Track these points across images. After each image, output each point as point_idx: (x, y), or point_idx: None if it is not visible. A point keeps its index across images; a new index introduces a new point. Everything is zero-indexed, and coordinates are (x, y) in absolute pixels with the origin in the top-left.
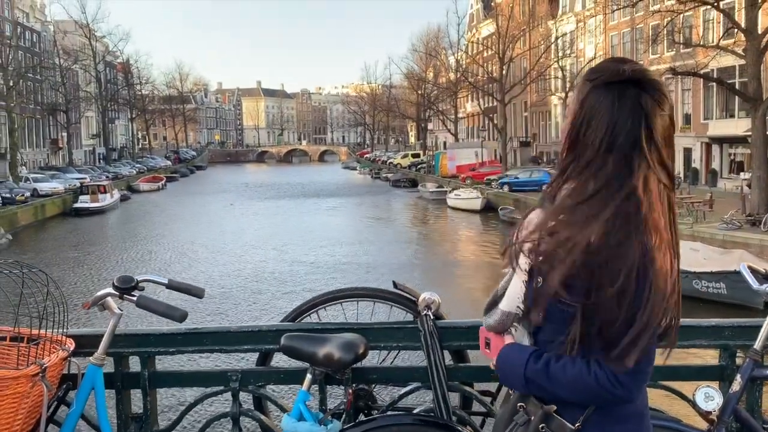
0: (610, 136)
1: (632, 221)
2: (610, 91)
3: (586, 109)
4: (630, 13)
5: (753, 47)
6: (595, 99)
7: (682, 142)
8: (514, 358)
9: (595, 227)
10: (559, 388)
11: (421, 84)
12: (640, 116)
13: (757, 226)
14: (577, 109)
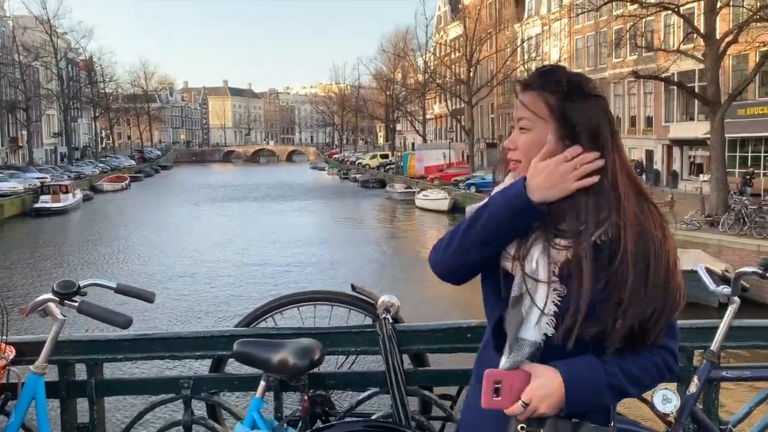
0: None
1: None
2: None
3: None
4: (594, 17)
5: (712, 52)
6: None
7: (644, 144)
8: (587, 376)
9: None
10: (634, 383)
11: (389, 85)
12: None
13: (716, 226)
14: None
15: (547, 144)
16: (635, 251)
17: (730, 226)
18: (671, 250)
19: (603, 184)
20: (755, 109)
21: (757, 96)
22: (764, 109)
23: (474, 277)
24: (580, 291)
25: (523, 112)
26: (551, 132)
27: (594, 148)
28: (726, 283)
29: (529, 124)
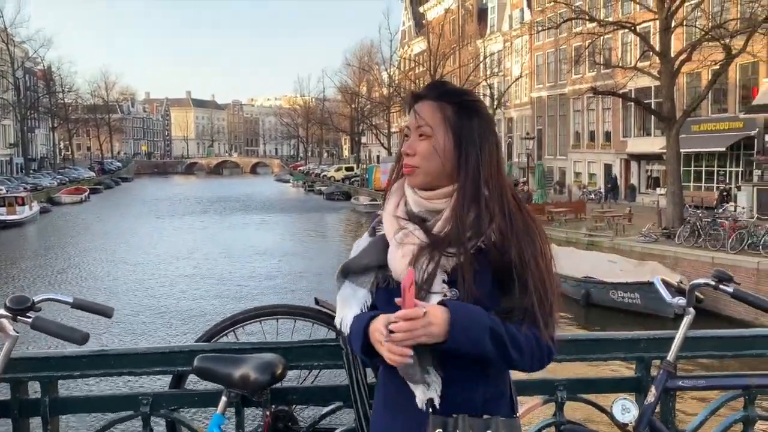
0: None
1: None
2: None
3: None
4: (554, 34)
5: (667, 69)
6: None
7: (603, 158)
8: (471, 312)
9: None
10: (515, 347)
11: (354, 98)
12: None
13: (672, 238)
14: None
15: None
16: (517, 256)
17: (686, 239)
18: (548, 255)
19: (484, 198)
20: (708, 125)
21: (710, 112)
22: (717, 125)
23: None
24: (466, 295)
25: (423, 119)
26: (447, 142)
27: (476, 163)
28: (681, 295)
29: (429, 131)
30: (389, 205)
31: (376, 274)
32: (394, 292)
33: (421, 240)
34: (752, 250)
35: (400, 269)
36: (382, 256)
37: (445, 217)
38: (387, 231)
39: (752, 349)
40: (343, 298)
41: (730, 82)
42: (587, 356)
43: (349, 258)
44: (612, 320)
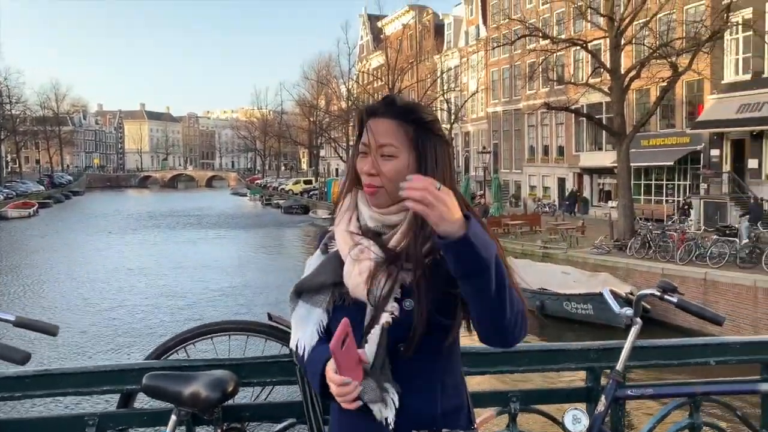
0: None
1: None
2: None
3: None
4: (509, 50)
5: (617, 86)
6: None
7: (556, 172)
8: (484, 233)
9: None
10: (510, 295)
11: (312, 111)
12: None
13: (623, 250)
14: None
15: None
16: None
17: (637, 250)
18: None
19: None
20: (657, 140)
21: (658, 128)
22: (665, 140)
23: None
24: (420, 306)
25: (386, 139)
26: (410, 161)
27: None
28: (629, 305)
29: (395, 151)
30: (340, 220)
31: (331, 292)
32: (351, 310)
33: (377, 255)
34: (700, 261)
35: (358, 286)
36: (337, 274)
37: (402, 231)
38: (341, 247)
39: (696, 357)
40: (297, 319)
41: (677, 98)
42: (539, 367)
43: (303, 277)
44: (567, 331)
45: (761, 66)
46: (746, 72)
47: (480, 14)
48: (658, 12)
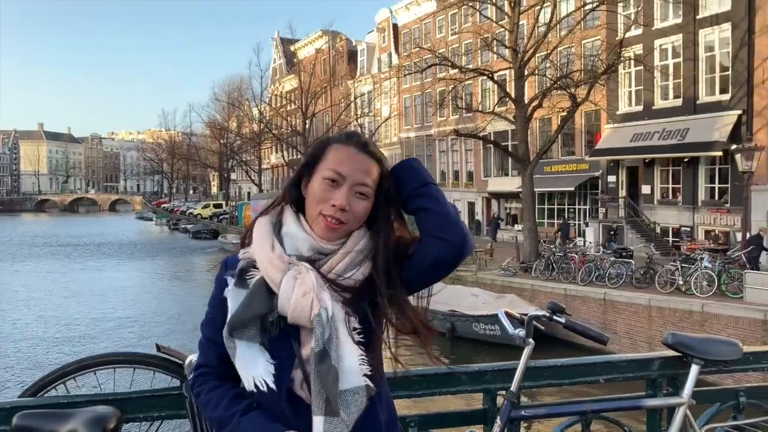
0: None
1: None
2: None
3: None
4: (420, 78)
5: (521, 114)
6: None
7: (467, 196)
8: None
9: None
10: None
11: (223, 133)
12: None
13: (529, 272)
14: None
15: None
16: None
17: (541, 272)
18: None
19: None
20: (559, 166)
21: (560, 155)
22: (566, 166)
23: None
24: (372, 324)
25: (367, 178)
26: (372, 201)
27: (386, 220)
28: (523, 326)
29: (369, 192)
30: (262, 246)
31: (260, 325)
32: (279, 339)
33: (315, 276)
34: (599, 282)
35: (302, 310)
36: (267, 304)
37: (336, 257)
38: (270, 274)
39: (587, 376)
40: (243, 358)
41: (577, 127)
42: (437, 390)
43: (232, 313)
44: (477, 351)
45: (651, 98)
46: (638, 104)
47: (392, 42)
48: (558, 45)
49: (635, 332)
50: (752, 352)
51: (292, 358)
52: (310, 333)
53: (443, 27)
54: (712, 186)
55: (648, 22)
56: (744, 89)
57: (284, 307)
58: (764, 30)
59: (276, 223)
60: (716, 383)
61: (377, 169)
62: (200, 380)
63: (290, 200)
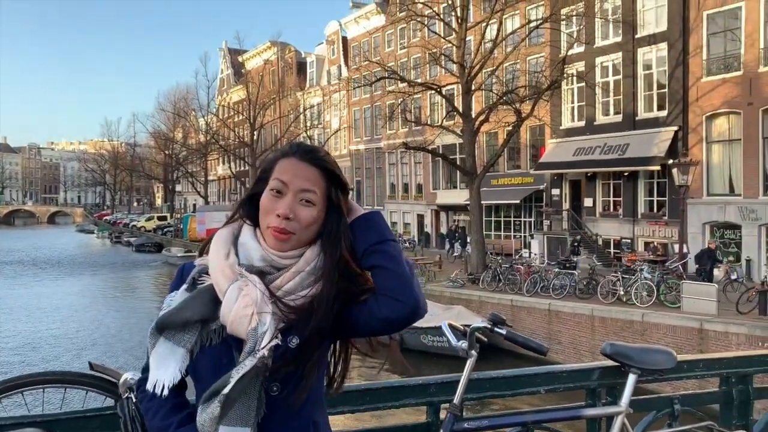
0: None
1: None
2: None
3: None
4: (370, 91)
5: (468, 128)
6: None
7: (416, 209)
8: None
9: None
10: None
11: (168, 144)
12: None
13: (477, 283)
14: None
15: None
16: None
17: (488, 283)
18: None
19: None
20: (505, 179)
21: (506, 168)
22: (512, 179)
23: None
24: (307, 342)
25: (310, 185)
26: (322, 213)
27: (336, 233)
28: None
29: (315, 199)
30: (217, 254)
31: (199, 331)
32: (218, 350)
33: (263, 291)
34: (544, 293)
35: (240, 321)
36: (207, 310)
37: (290, 272)
38: (218, 281)
39: (528, 387)
40: (158, 357)
41: (522, 141)
42: (380, 404)
43: (166, 311)
44: (427, 363)
45: (593, 114)
46: (581, 119)
47: (341, 55)
48: (504, 61)
49: (579, 342)
50: (686, 361)
51: (231, 366)
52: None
53: (392, 41)
54: (651, 199)
55: (589, 41)
56: (680, 106)
57: (224, 317)
58: (698, 50)
59: (236, 234)
60: (653, 391)
61: (323, 177)
62: (144, 386)
63: (245, 216)
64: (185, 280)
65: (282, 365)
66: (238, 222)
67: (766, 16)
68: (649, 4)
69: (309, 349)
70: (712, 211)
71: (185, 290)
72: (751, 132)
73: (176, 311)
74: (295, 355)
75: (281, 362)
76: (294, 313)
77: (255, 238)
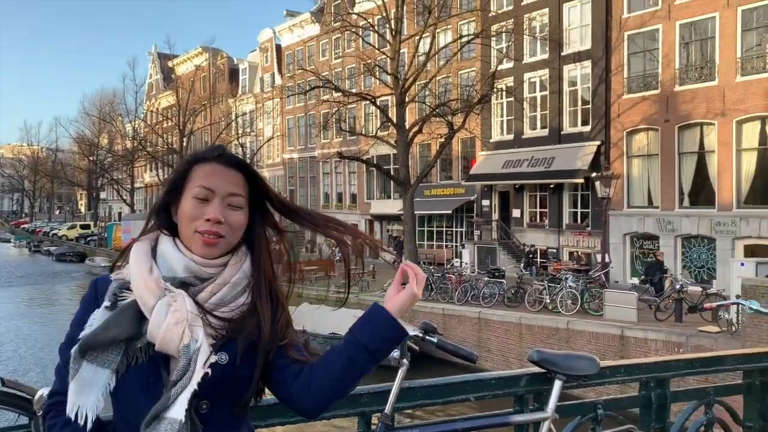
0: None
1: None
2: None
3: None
4: (304, 100)
5: (402, 139)
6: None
7: (350, 218)
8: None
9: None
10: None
11: (93, 150)
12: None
13: None
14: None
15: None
16: (269, 320)
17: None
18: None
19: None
20: (438, 190)
21: (438, 179)
22: (444, 190)
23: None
24: (236, 359)
25: (237, 189)
26: (246, 213)
27: (261, 239)
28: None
29: (241, 203)
30: (140, 269)
31: (124, 350)
32: (145, 368)
33: (190, 305)
34: (474, 301)
35: (171, 339)
36: (133, 327)
37: (216, 284)
38: (144, 297)
39: (458, 394)
40: (81, 382)
41: (454, 153)
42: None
43: (88, 333)
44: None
45: (521, 128)
46: (510, 132)
47: (275, 62)
48: (437, 75)
49: (507, 349)
50: (608, 367)
51: (160, 385)
52: (178, 363)
53: (327, 50)
54: (575, 210)
55: (518, 57)
56: (602, 122)
57: (154, 334)
58: (619, 69)
59: (154, 246)
60: (577, 397)
61: (246, 182)
62: (53, 411)
63: (161, 226)
64: (101, 296)
65: (213, 383)
66: (154, 233)
67: (681, 38)
68: (575, 23)
69: (240, 365)
70: (632, 223)
71: (106, 308)
72: (668, 147)
73: (100, 331)
74: (226, 372)
75: (212, 379)
76: (225, 326)
77: (176, 248)
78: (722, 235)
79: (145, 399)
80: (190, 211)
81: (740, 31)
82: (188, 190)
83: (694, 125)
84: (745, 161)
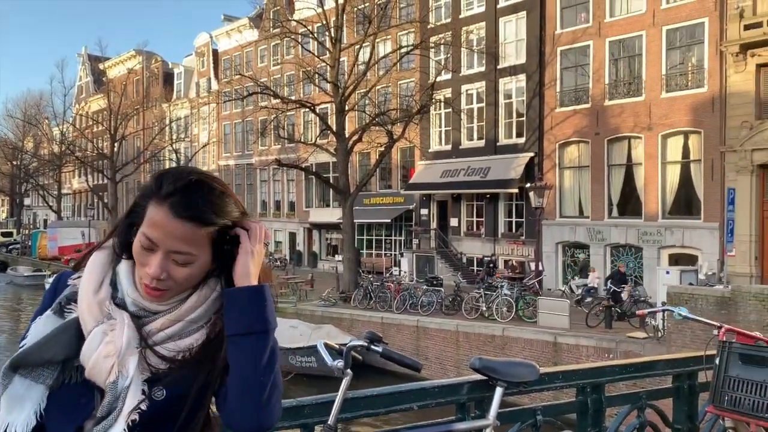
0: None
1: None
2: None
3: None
4: (241, 105)
5: (342, 148)
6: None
7: (288, 227)
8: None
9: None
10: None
11: (17, 154)
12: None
13: (348, 301)
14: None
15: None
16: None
17: (360, 301)
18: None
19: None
20: (377, 199)
21: (378, 188)
22: (384, 199)
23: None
24: (182, 392)
25: (183, 246)
26: (208, 258)
27: (218, 276)
28: (342, 357)
29: (192, 259)
30: (87, 285)
31: (60, 367)
32: (79, 388)
33: (130, 337)
34: (413, 310)
35: (100, 370)
36: (73, 348)
37: (171, 318)
38: (84, 319)
39: (402, 404)
40: (11, 398)
41: (393, 162)
42: None
43: (26, 346)
44: (297, 385)
45: (459, 138)
46: (447, 143)
47: (211, 67)
48: (376, 84)
49: (445, 357)
50: (547, 373)
51: (90, 407)
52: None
53: (266, 57)
54: (510, 220)
55: (456, 69)
56: (536, 134)
57: (84, 360)
58: (552, 83)
59: (113, 260)
60: (516, 404)
61: (202, 230)
62: None
63: (119, 246)
64: (60, 293)
65: (146, 419)
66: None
67: (610, 55)
68: (510, 37)
69: (179, 403)
70: (564, 232)
71: (52, 313)
72: (598, 160)
73: (37, 349)
74: (161, 409)
75: (146, 416)
76: (166, 364)
77: (130, 277)
78: (648, 244)
79: (68, 418)
80: (136, 253)
81: (665, 50)
82: (141, 227)
83: (622, 138)
84: (670, 174)
